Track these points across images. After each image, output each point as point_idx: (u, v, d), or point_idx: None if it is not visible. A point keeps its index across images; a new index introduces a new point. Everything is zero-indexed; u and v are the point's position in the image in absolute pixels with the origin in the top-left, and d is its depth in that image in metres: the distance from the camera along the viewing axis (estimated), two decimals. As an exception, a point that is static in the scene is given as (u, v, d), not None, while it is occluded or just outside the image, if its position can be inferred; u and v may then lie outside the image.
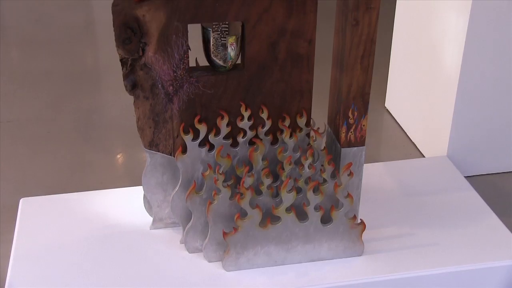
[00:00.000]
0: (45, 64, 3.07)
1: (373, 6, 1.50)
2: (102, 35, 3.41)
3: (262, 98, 1.61)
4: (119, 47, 1.49)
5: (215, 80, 1.57)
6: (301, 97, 1.63)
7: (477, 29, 2.03)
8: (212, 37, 1.54)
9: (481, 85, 2.13)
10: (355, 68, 1.56)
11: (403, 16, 2.49)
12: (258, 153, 1.60)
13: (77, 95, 2.82)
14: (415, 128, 2.47)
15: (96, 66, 3.13)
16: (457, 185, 2.03)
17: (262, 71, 1.58)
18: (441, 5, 2.17)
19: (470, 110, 2.17)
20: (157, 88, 1.55)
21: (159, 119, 1.59)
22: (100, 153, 2.41)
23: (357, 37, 1.52)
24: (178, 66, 1.53)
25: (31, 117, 2.64)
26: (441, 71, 2.21)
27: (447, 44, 2.16)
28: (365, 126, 1.63)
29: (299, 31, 1.55)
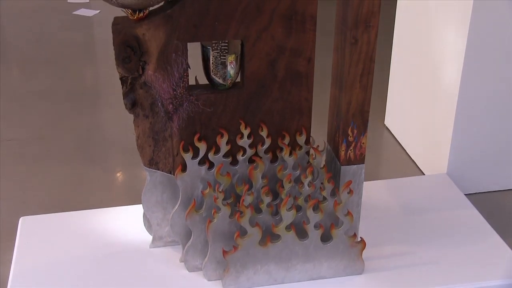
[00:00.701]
0: (45, 82, 3.08)
1: (372, 24, 1.50)
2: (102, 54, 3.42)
3: (261, 116, 1.61)
4: (119, 66, 1.49)
5: (214, 98, 1.57)
6: (301, 115, 1.63)
7: (476, 47, 2.04)
8: (211, 55, 1.55)
9: (481, 103, 2.14)
10: (354, 86, 1.56)
11: (402, 34, 2.51)
12: (257, 171, 1.60)
13: (77, 113, 2.82)
14: (415, 146, 2.48)
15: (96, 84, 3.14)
16: (457, 203, 2.03)
17: (261, 89, 1.58)
18: (440, 23, 2.18)
19: (470, 127, 2.17)
20: (157, 106, 1.55)
21: (158, 137, 1.59)
22: (99, 171, 2.41)
23: (356, 55, 1.53)
24: (177, 85, 1.54)
25: (31, 136, 2.64)
26: (441, 88, 2.21)
27: (446, 61, 2.17)
28: (364, 144, 1.63)
29: (298, 50, 1.55)
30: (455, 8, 2.07)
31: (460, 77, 2.08)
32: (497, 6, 1.99)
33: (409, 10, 2.42)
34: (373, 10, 1.49)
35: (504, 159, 2.25)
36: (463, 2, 2.01)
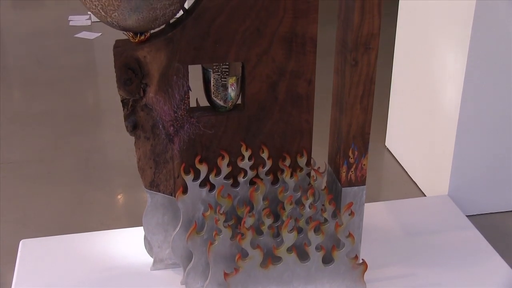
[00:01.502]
0: (46, 104, 3.09)
1: (371, 46, 1.51)
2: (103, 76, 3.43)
3: (262, 138, 1.61)
4: (120, 88, 1.50)
5: (215, 120, 1.58)
6: (301, 137, 1.63)
7: (476, 68, 2.05)
8: (212, 77, 1.56)
9: (481, 124, 2.14)
10: (355, 108, 1.57)
11: (402, 55, 2.52)
12: (258, 193, 1.60)
13: (78, 135, 2.83)
14: (416, 167, 2.47)
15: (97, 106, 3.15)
16: (459, 224, 2.02)
17: (262, 111, 1.59)
18: (439, 44, 2.19)
19: (471, 148, 2.17)
20: (158, 128, 1.56)
21: (159, 159, 1.60)
22: (100, 193, 2.41)
23: (356, 77, 1.54)
24: (178, 107, 1.54)
25: (32, 158, 2.64)
26: (441, 109, 2.22)
27: (446, 83, 2.17)
28: (365, 166, 1.63)
29: (298, 72, 1.56)
30: (454, 29, 2.08)
31: (460, 98, 2.09)
32: (497, 26, 2.00)
33: (409, 31, 2.43)
34: (373, 32, 1.50)
35: (505, 180, 2.24)
36: (463, 23, 2.02)
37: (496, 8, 1.97)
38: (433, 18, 2.22)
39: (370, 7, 1.47)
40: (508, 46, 2.04)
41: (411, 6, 2.39)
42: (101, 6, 1.37)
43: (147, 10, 1.38)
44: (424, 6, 2.29)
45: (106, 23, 1.42)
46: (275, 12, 1.49)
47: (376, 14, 1.48)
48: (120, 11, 1.37)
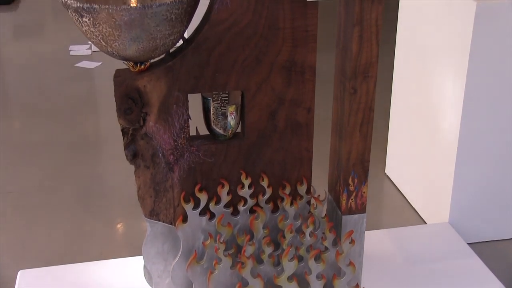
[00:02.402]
0: (46, 134, 3.09)
1: (370, 74, 1.52)
2: (103, 105, 3.44)
3: (262, 166, 1.61)
4: (120, 117, 1.50)
5: (215, 149, 1.58)
6: (301, 165, 1.63)
7: (474, 95, 2.05)
8: (212, 106, 1.56)
9: (481, 151, 2.14)
10: (354, 136, 1.57)
11: (401, 82, 2.53)
12: (259, 222, 1.59)
13: (78, 164, 2.83)
14: (416, 194, 2.47)
15: (97, 135, 3.16)
16: (460, 252, 2.01)
17: (262, 139, 1.59)
18: (437, 71, 2.21)
19: (471, 175, 2.17)
20: (158, 157, 1.56)
21: (159, 188, 1.59)
22: (100, 222, 2.40)
23: (355, 105, 1.54)
24: (178, 135, 1.54)
25: (31, 188, 2.64)
26: (440, 137, 2.22)
27: (445, 110, 2.18)
28: (365, 193, 1.63)
29: (298, 100, 1.57)
30: (452, 57, 2.09)
31: (459, 125, 2.09)
32: (494, 53, 2.01)
33: (407, 59, 2.45)
34: (371, 60, 1.51)
35: (506, 207, 2.24)
36: (460, 50, 2.03)
37: (493, 34, 1.99)
38: (431, 46, 2.24)
39: (368, 36, 1.48)
40: (506, 73, 2.05)
41: (409, 33, 2.41)
42: (102, 36, 1.38)
43: (147, 40, 1.39)
44: (422, 33, 2.30)
45: (107, 52, 1.43)
46: (274, 41, 1.50)
47: (374, 42, 1.49)
48: (121, 41, 1.38)
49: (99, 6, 1.33)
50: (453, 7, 2.05)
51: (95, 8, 1.33)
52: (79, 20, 1.37)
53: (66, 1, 1.36)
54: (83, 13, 1.35)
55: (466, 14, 1.98)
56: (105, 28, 1.36)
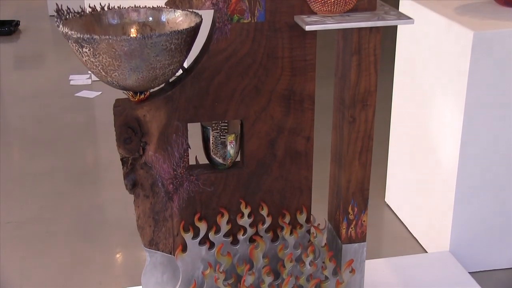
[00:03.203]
0: (46, 163, 3.09)
1: (369, 103, 1.53)
2: (103, 135, 3.45)
3: (261, 195, 1.61)
4: (120, 147, 1.50)
5: (215, 178, 1.58)
6: (301, 193, 1.63)
7: (473, 123, 2.06)
8: (211, 135, 1.57)
9: (481, 179, 2.14)
10: (354, 164, 1.57)
11: (400, 111, 2.54)
12: (258, 251, 1.59)
13: (77, 194, 2.82)
14: (416, 223, 2.46)
15: (96, 165, 3.16)
16: (461, 281, 2.00)
17: (261, 168, 1.59)
18: (436, 100, 2.21)
19: (471, 204, 2.16)
20: (157, 186, 1.56)
21: (159, 217, 1.59)
22: (99, 252, 2.39)
23: (354, 134, 1.55)
24: (178, 165, 1.55)
25: (30, 218, 2.63)
26: (440, 165, 2.22)
27: (444, 139, 2.18)
28: (365, 222, 1.63)
29: (297, 129, 1.57)
30: (450, 85, 2.11)
31: (459, 154, 2.09)
32: (492, 81, 2.02)
33: (406, 87, 2.46)
34: (370, 89, 1.51)
35: (507, 236, 2.23)
36: (459, 78, 2.04)
37: (491, 63, 2.00)
38: (429, 74, 2.25)
39: (366, 65, 1.49)
40: (504, 102, 2.06)
41: (407, 62, 2.43)
42: (102, 66, 1.39)
43: (147, 69, 1.40)
44: (420, 62, 2.32)
45: (106, 82, 1.44)
46: (273, 70, 1.51)
47: (372, 71, 1.50)
48: (120, 71, 1.39)
49: (99, 37, 1.34)
50: (450, 36, 2.07)
51: (95, 38, 1.34)
52: (80, 51, 1.38)
53: (67, 31, 1.37)
54: (83, 43, 1.36)
55: (464, 43, 1.99)
56: (105, 58, 1.37)
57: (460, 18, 2.07)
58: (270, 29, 1.48)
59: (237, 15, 1.46)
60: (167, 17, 1.52)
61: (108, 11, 1.51)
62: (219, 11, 1.44)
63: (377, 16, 1.46)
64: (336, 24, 1.42)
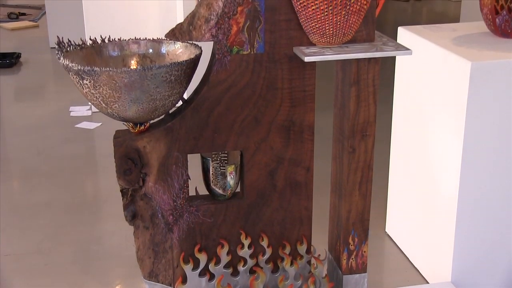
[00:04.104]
0: (46, 195, 3.09)
1: (368, 133, 1.53)
2: (103, 166, 3.45)
3: (262, 226, 1.61)
4: (120, 178, 1.50)
5: (214, 209, 1.58)
6: (301, 224, 1.63)
7: (472, 153, 2.06)
8: (211, 166, 1.57)
9: (481, 209, 2.14)
10: (354, 194, 1.57)
11: (399, 141, 2.54)
12: (259, 282, 1.58)
13: (77, 225, 2.81)
14: (417, 253, 2.45)
15: (96, 196, 3.15)
16: (464, 312, 1.98)
17: (261, 199, 1.59)
18: (435, 130, 2.22)
19: (472, 234, 2.16)
20: (157, 218, 1.55)
21: (159, 249, 1.58)
22: (99, 284, 2.37)
23: (354, 164, 1.55)
24: (178, 196, 1.54)
25: (29, 250, 2.61)
26: (440, 195, 2.22)
27: (444, 168, 2.18)
28: (366, 253, 1.62)
29: (297, 159, 1.57)
30: (449, 115, 2.11)
31: (459, 183, 2.09)
32: (490, 110, 2.03)
33: (405, 117, 2.47)
34: (369, 119, 1.52)
35: (509, 265, 2.22)
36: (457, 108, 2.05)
37: (489, 93, 2.01)
38: (428, 104, 2.26)
39: (365, 96, 1.50)
40: (503, 132, 2.07)
41: (406, 92, 2.44)
42: (102, 98, 1.39)
43: (147, 101, 1.40)
44: (418, 93, 2.33)
45: (107, 114, 1.45)
46: (272, 101, 1.52)
47: (371, 102, 1.51)
48: (121, 102, 1.39)
49: (99, 69, 1.35)
50: (448, 67, 2.08)
51: (96, 70, 1.35)
52: (80, 82, 1.39)
53: (68, 64, 1.38)
54: (84, 75, 1.37)
55: (461, 74, 2.00)
56: (106, 90, 1.37)
57: (457, 48, 2.09)
58: (270, 60, 1.49)
59: (237, 46, 1.47)
60: (167, 49, 1.53)
61: (109, 43, 1.52)
62: (218, 43, 1.46)
63: (376, 47, 1.47)
64: (335, 55, 1.43)
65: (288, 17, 1.47)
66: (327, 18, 1.40)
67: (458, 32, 2.29)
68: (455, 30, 2.33)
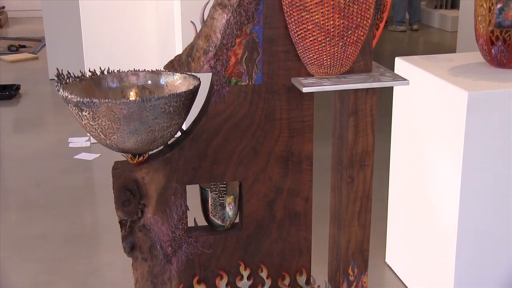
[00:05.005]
0: (44, 227, 3.07)
1: (367, 163, 1.53)
2: (101, 197, 3.44)
3: (261, 256, 1.60)
4: (119, 209, 1.50)
5: (213, 240, 1.57)
6: (300, 255, 1.62)
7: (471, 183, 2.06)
8: (210, 197, 1.57)
9: (481, 239, 2.13)
10: (353, 225, 1.57)
11: (398, 170, 2.54)
12: (258, 314, 1.57)
13: (75, 257, 2.80)
14: (418, 283, 2.43)
15: (95, 227, 3.14)
16: None
17: (260, 229, 1.58)
18: (434, 160, 2.22)
19: (472, 264, 2.15)
20: (156, 249, 1.55)
21: (157, 280, 1.57)
22: (96, 317, 2.35)
23: (353, 194, 1.55)
24: (176, 227, 1.54)
25: (27, 283, 2.59)
26: (439, 225, 2.21)
27: (443, 198, 2.18)
28: (366, 283, 1.61)
29: (295, 190, 1.57)
30: (447, 144, 2.12)
31: (458, 213, 2.09)
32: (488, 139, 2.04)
33: (403, 147, 2.47)
34: (367, 149, 1.52)
35: (509, 295, 2.20)
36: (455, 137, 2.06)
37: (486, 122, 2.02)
38: (426, 134, 2.27)
39: (363, 126, 1.51)
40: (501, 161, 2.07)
41: (404, 122, 2.45)
42: (101, 129, 1.40)
43: (146, 132, 1.41)
44: (416, 122, 2.34)
45: (105, 145, 1.45)
46: (271, 131, 1.52)
47: (369, 132, 1.51)
48: (120, 133, 1.40)
49: (98, 100, 1.36)
50: (445, 97, 2.09)
51: (95, 102, 1.36)
52: (79, 114, 1.39)
53: (67, 95, 1.39)
54: (83, 107, 1.37)
55: (459, 104, 2.01)
56: (105, 122, 1.38)
57: (454, 79, 2.10)
58: (268, 91, 1.50)
59: (235, 77, 1.48)
60: (166, 80, 1.54)
61: (108, 75, 1.53)
62: (217, 74, 1.47)
63: (373, 77, 1.48)
64: (332, 85, 1.44)
65: (286, 48, 1.48)
66: (324, 49, 1.41)
67: (454, 62, 2.31)
68: (452, 60, 2.35)
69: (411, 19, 7.73)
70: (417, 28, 7.69)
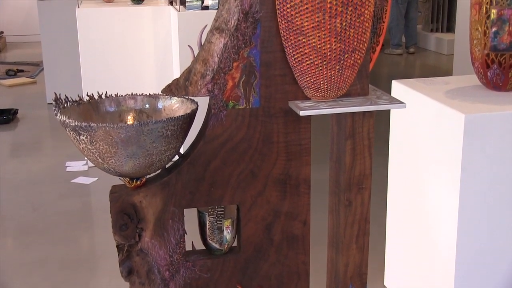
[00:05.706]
0: (40, 252, 3.06)
1: (364, 186, 1.53)
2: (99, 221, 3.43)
3: (259, 280, 1.59)
4: (116, 233, 1.50)
5: (211, 264, 1.56)
6: (298, 278, 1.61)
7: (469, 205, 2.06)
8: (208, 220, 1.56)
9: (480, 260, 2.12)
10: (351, 248, 1.56)
11: (396, 193, 2.54)
12: (256, 339, 1.55)
13: (72, 282, 2.78)
14: (417, 307, 2.42)
15: (92, 252, 3.12)
16: None
17: (258, 253, 1.58)
18: (431, 182, 2.22)
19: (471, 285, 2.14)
20: (153, 273, 1.54)
21: (155, 305, 1.56)
22: None
23: (351, 217, 1.54)
24: (174, 251, 1.53)
25: (24, 307, 2.58)
26: (438, 248, 2.21)
27: (440, 221, 2.18)
28: (365, 307, 1.60)
29: (293, 213, 1.57)
30: (444, 166, 2.12)
31: (456, 235, 2.08)
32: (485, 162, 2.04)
33: (401, 169, 2.47)
34: (365, 172, 1.52)
35: (509, 318, 2.19)
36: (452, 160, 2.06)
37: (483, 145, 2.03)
38: (423, 157, 2.27)
39: (361, 149, 1.51)
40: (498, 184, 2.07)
41: (401, 145, 2.45)
42: (99, 153, 1.40)
43: (143, 156, 1.41)
44: (413, 145, 2.34)
45: (103, 169, 1.45)
46: (268, 155, 1.52)
47: (367, 155, 1.51)
48: (117, 157, 1.40)
49: (96, 124, 1.36)
50: (442, 119, 2.10)
51: (93, 126, 1.36)
52: (77, 138, 1.39)
53: (65, 120, 1.39)
54: (80, 131, 1.37)
55: (455, 127, 2.02)
56: (102, 146, 1.38)
57: (451, 101, 2.11)
58: (265, 115, 1.50)
59: (232, 101, 1.48)
60: (164, 104, 1.55)
61: (106, 99, 1.54)
62: (214, 98, 1.47)
63: (370, 100, 1.49)
64: (329, 109, 1.45)
65: (283, 72, 1.49)
66: (321, 72, 1.42)
67: (451, 85, 2.32)
68: (448, 83, 2.36)
69: (408, 42, 7.79)
70: (413, 51, 7.74)
